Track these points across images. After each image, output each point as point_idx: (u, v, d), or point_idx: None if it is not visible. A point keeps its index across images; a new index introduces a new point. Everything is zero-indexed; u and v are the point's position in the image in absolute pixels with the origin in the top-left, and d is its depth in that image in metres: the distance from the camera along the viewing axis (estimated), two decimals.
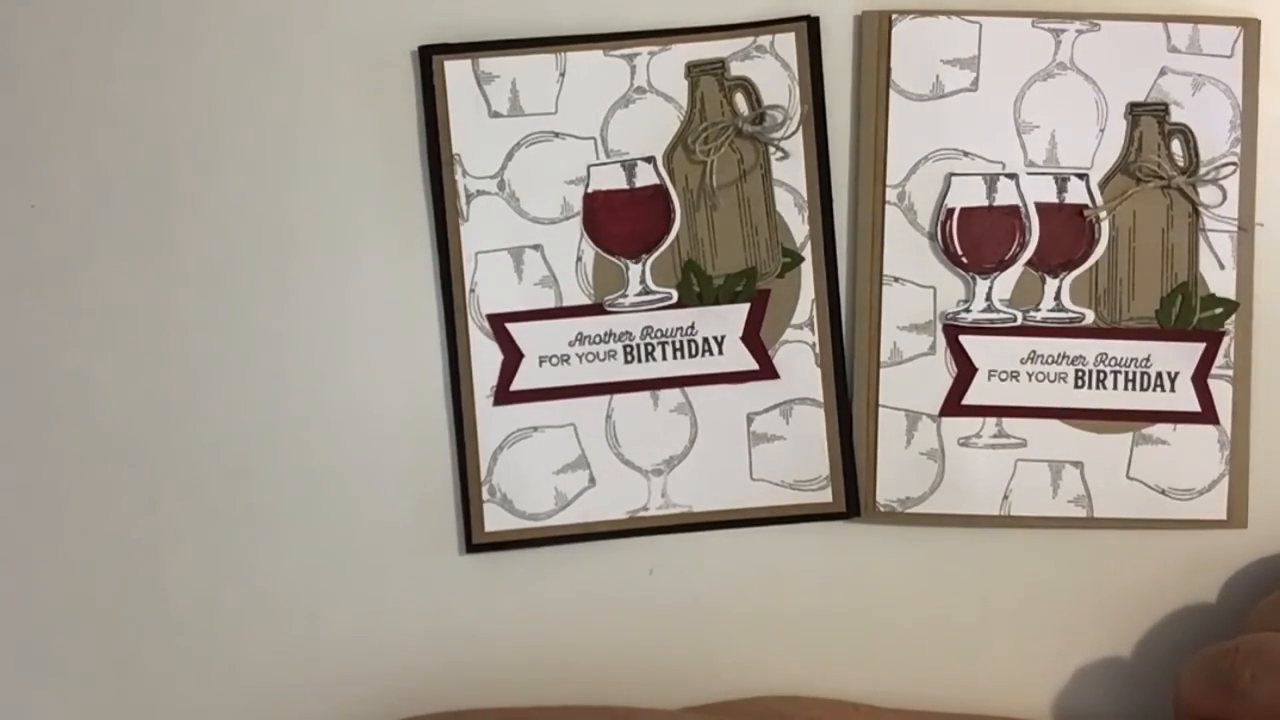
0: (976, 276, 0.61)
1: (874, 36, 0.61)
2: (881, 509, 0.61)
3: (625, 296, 0.61)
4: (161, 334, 0.61)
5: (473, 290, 0.61)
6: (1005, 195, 0.60)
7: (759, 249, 0.61)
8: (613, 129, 0.61)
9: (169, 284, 0.61)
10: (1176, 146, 0.60)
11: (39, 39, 0.61)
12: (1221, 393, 0.60)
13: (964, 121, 0.60)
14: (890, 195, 0.61)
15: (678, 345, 0.61)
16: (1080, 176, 0.60)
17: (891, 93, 0.61)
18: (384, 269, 0.61)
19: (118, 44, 0.61)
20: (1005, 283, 0.61)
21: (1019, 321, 0.61)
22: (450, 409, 0.61)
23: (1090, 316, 0.60)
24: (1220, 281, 0.60)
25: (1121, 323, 0.60)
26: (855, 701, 0.59)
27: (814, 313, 0.61)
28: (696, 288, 0.61)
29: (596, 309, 0.61)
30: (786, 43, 0.61)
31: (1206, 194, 0.60)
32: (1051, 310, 0.61)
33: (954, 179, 0.60)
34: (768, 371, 0.61)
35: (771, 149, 0.61)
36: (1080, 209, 0.61)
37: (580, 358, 0.61)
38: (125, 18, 0.61)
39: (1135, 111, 0.60)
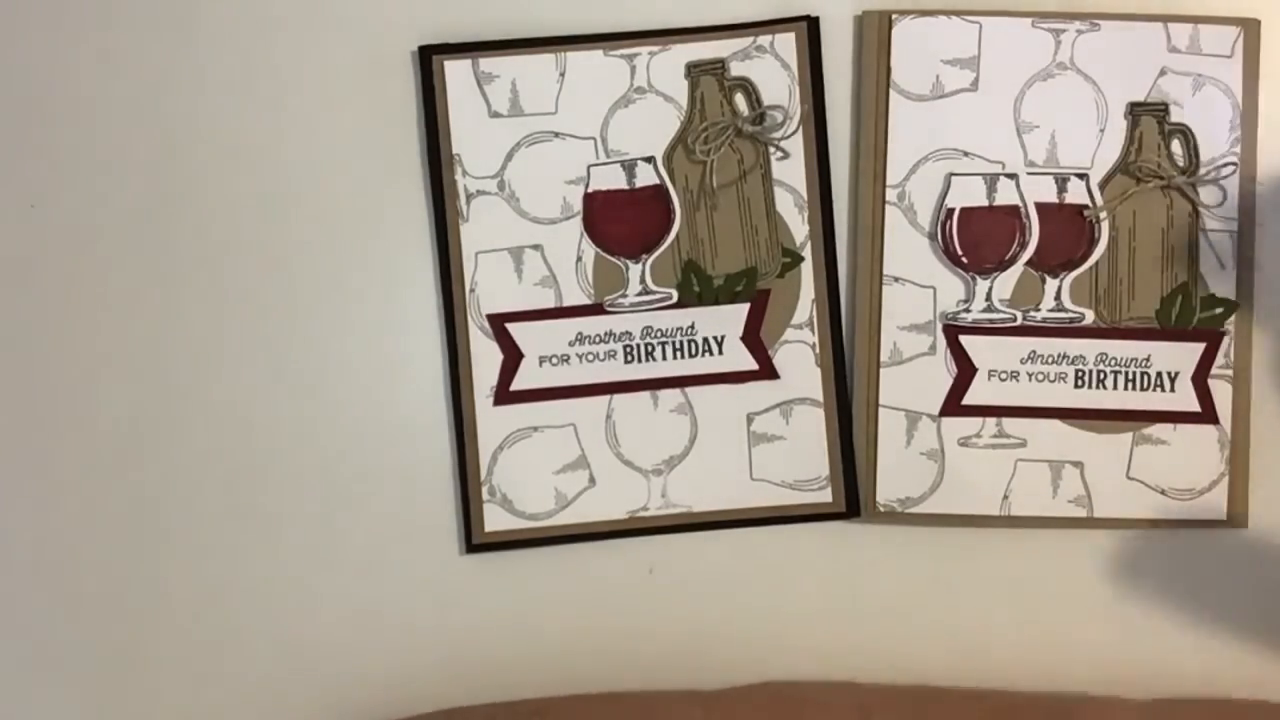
0: (976, 276, 0.61)
1: (874, 36, 0.61)
2: (881, 509, 0.61)
3: (625, 296, 0.61)
4: (161, 334, 0.61)
5: (473, 290, 0.61)
6: (1005, 195, 0.60)
7: (759, 249, 0.61)
8: (613, 129, 0.61)
9: (169, 284, 0.61)
10: (1176, 146, 0.60)
11: (39, 39, 0.61)
12: (1221, 393, 0.60)
13: (964, 121, 0.60)
14: (890, 195, 0.61)
15: (678, 345, 0.61)
16: (1080, 176, 0.60)
17: (891, 93, 0.61)
18: (384, 269, 0.61)
19: (117, 44, 0.61)
20: (1005, 283, 0.61)
21: (1019, 321, 0.61)
22: (450, 409, 0.61)
23: (1090, 316, 0.60)
24: (1220, 281, 0.60)
25: (1121, 323, 0.60)
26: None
27: (814, 313, 0.61)
28: (696, 288, 0.61)
29: (596, 309, 0.61)
30: (786, 43, 0.61)
31: (1206, 194, 0.60)
32: (1051, 310, 0.61)
33: (954, 179, 0.60)
34: (768, 371, 0.61)
35: (771, 149, 0.61)
36: (1080, 209, 0.61)
37: (580, 358, 0.61)
38: (125, 18, 0.61)
39: (1135, 111, 0.60)
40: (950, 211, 0.60)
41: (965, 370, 0.60)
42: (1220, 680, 0.60)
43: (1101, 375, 0.60)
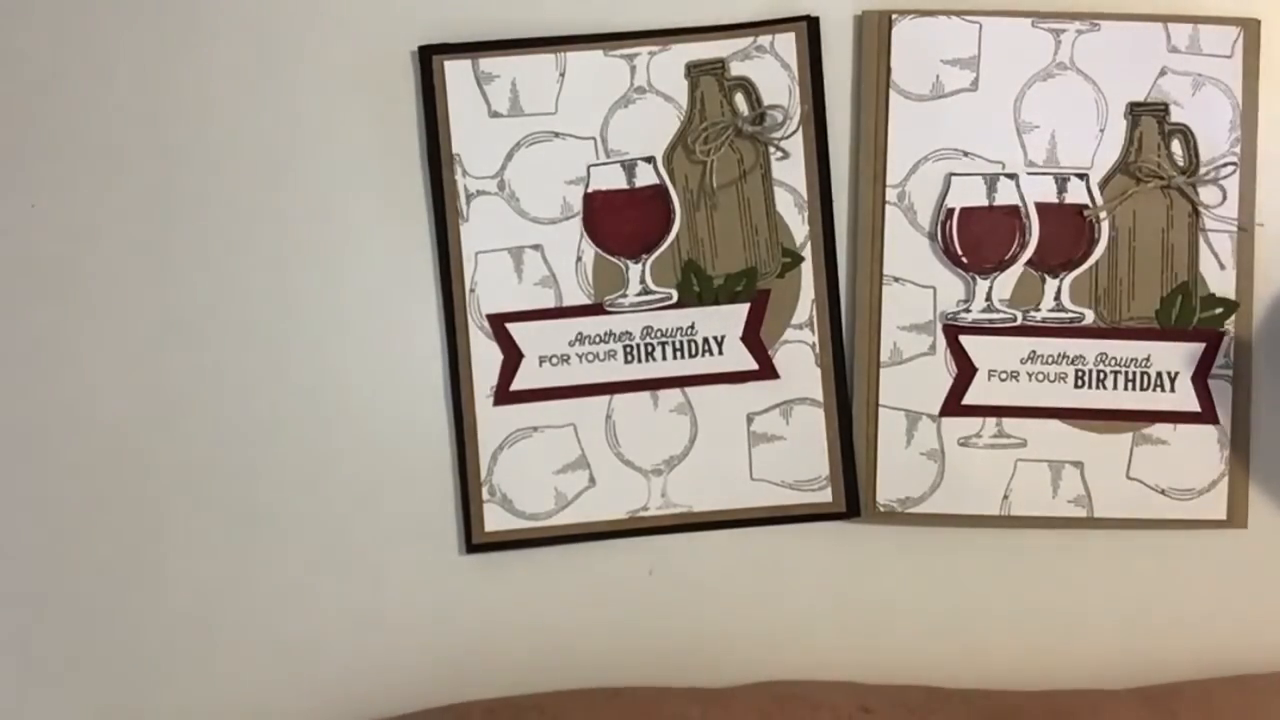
0: (976, 276, 0.61)
1: (874, 36, 0.61)
2: (881, 509, 0.61)
3: (625, 296, 0.61)
4: (161, 334, 0.61)
5: (473, 290, 0.61)
6: (1005, 195, 0.60)
7: (759, 249, 0.61)
8: (613, 129, 0.61)
9: (169, 284, 0.61)
10: (1176, 146, 0.60)
11: (39, 39, 0.61)
12: (1221, 393, 0.60)
13: (964, 121, 0.60)
14: (890, 195, 0.61)
15: (678, 345, 0.61)
16: (1080, 176, 0.60)
17: (891, 93, 0.61)
18: (384, 269, 0.61)
19: (118, 44, 0.61)
20: (1005, 283, 0.61)
21: (1019, 321, 0.61)
22: (450, 409, 0.61)
23: (1090, 316, 0.60)
24: (1220, 281, 0.60)
25: (1121, 323, 0.61)
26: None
27: (814, 313, 0.61)
28: (696, 288, 0.61)
29: (596, 309, 0.61)
30: (786, 43, 0.61)
31: (1206, 194, 0.60)
32: (1051, 310, 0.61)
33: (954, 179, 0.60)
34: (768, 371, 0.61)
35: (771, 149, 0.61)
36: (1080, 209, 0.61)
37: (580, 358, 0.61)
38: (125, 17, 0.61)
39: (1135, 111, 0.60)
40: (950, 211, 0.60)
41: (965, 370, 0.60)
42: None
43: (1101, 375, 0.60)
